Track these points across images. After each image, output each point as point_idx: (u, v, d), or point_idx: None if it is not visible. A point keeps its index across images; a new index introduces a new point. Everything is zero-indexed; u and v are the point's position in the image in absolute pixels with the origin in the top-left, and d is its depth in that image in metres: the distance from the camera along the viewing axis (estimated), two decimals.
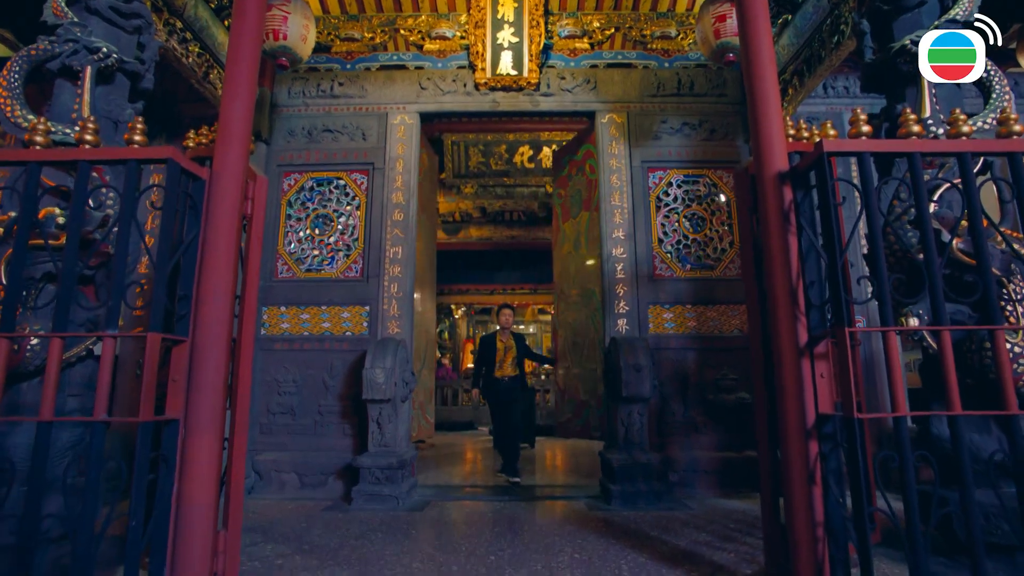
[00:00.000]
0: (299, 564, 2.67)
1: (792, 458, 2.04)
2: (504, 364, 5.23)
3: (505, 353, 5.25)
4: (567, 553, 2.80)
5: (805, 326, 2.09)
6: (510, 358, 5.25)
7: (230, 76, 2.32)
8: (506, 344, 5.29)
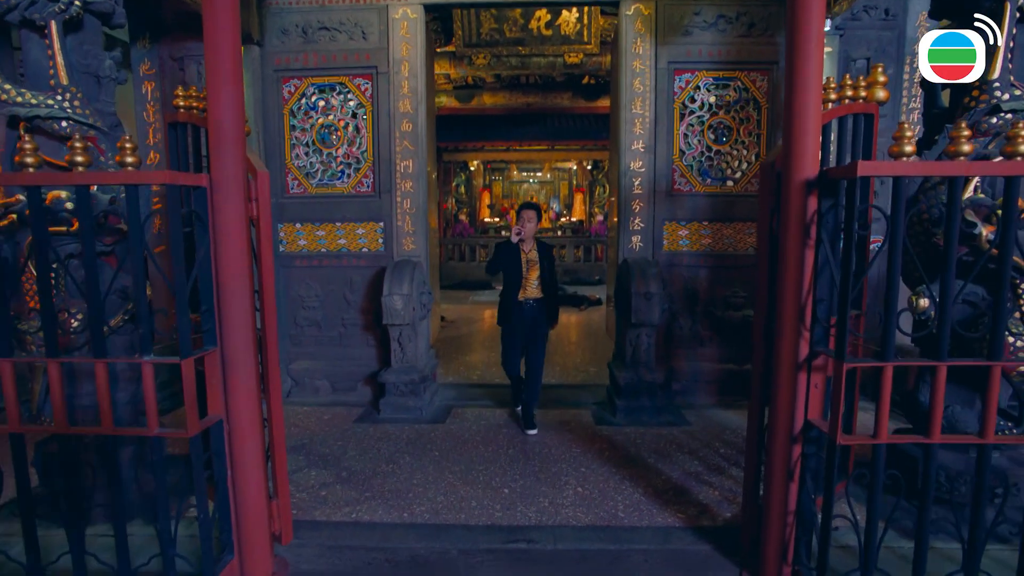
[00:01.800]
0: (340, 496, 3.11)
1: (776, 457, 2.23)
2: (527, 283, 3.97)
3: (528, 268, 3.97)
4: (571, 487, 3.18)
5: (808, 341, 2.14)
6: (534, 275, 3.98)
7: (211, 62, 2.13)
8: (530, 257, 3.99)
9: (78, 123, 2.63)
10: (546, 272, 4.00)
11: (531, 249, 4.02)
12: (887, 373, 1.95)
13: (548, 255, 4.06)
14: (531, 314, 4.00)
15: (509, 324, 4.06)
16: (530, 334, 4.01)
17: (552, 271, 4.06)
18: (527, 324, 4.00)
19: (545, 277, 4.00)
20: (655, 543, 2.65)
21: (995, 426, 1.96)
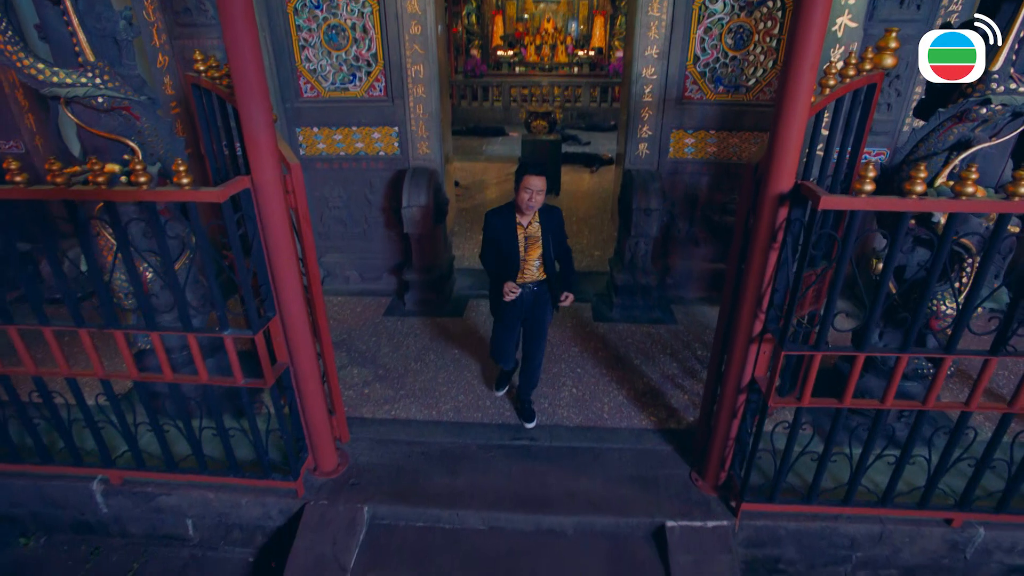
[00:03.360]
0: (380, 394, 3.85)
1: (726, 400, 2.82)
2: (526, 264, 3.19)
3: (527, 247, 3.17)
4: (567, 389, 3.89)
5: (762, 321, 2.59)
6: (535, 254, 3.19)
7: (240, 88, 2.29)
8: (529, 232, 3.16)
9: (112, 97, 2.82)
10: (551, 248, 3.21)
11: (531, 222, 3.15)
12: (816, 359, 2.44)
13: (554, 226, 3.20)
14: (531, 300, 3.30)
15: (502, 316, 3.38)
16: (529, 322, 3.38)
17: (561, 244, 3.26)
18: (525, 311, 3.34)
19: (549, 255, 3.22)
20: (629, 443, 3.41)
21: (914, 367, 2.50)
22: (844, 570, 3.01)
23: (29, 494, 3.16)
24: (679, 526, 2.88)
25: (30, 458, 3.10)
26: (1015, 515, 2.77)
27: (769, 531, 2.92)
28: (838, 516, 2.86)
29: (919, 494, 2.80)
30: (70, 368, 2.81)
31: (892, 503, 2.81)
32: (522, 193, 3.01)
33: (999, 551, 2.86)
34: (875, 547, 2.91)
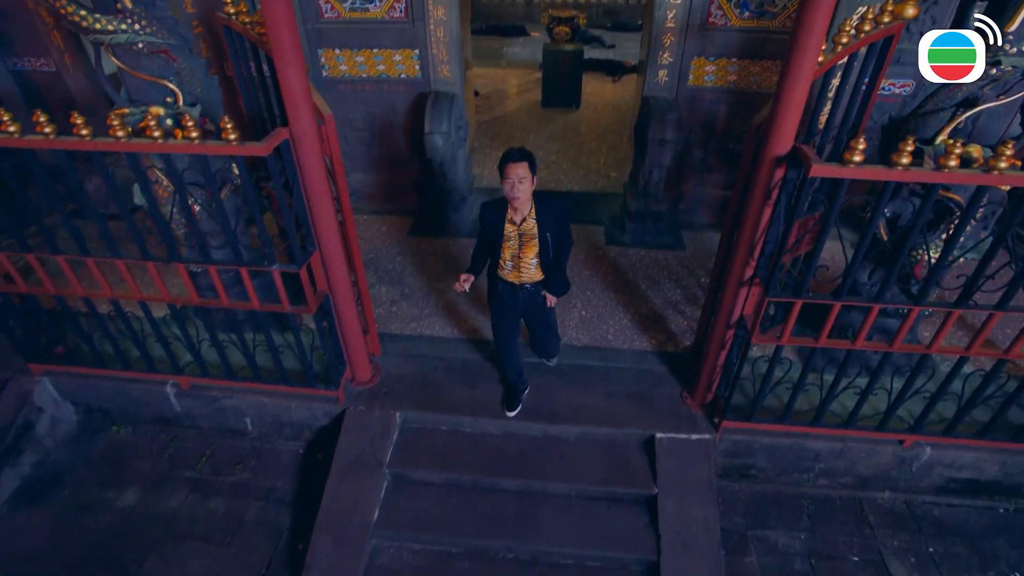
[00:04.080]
0: (406, 312, 4.26)
1: (716, 334, 3.16)
2: (521, 263, 2.92)
3: (522, 245, 2.88)
4: (577, 311, 4.25)
5: (752, 267, 2.86)
6: (530, 253, 2.90)
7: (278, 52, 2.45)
8: (523, 229, 2.85)
9: (151, 42, 2.97)
10: (550, 248, 2.90)
11: (525, 218, 2.84)
12: (797, 305, 2.74)
13: (554, 221, 2.85)
14: (528, 302, 3.09)
15: (499, 306, 3.18)
16: (529, 318, 3.25)
17: (563, 238, 2.94)
18: (521, 311, 3.18)
19: (547, 255, 2.92)
20: (630, 363, 3.81)
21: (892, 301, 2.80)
22: (807, 477, 3.50)
23: (116, 393, 3.73)
24: (667, 437, 3.34)
25: (113, 364, 3.62)
26: (958, 438, 3.17)
27: (745, 444, 3.38)
28: (807, 434, 3.29)
29: (879, 418, 3.19)
30: (140, 292, 3.22)
31: (854, 425, 3.22)
32: (504, 184, 2.73)
33: (940, 466, 3.30)
34: (835, 460, 3.37)
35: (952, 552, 3.24)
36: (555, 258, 2.95)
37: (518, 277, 3.01)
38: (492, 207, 2.91)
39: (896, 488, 3.48)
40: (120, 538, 3.34)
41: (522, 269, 2.97)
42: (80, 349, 3.70)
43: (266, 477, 3.66)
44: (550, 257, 2.94)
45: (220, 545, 3.30)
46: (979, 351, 2.82)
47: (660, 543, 3.00)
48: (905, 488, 3.47)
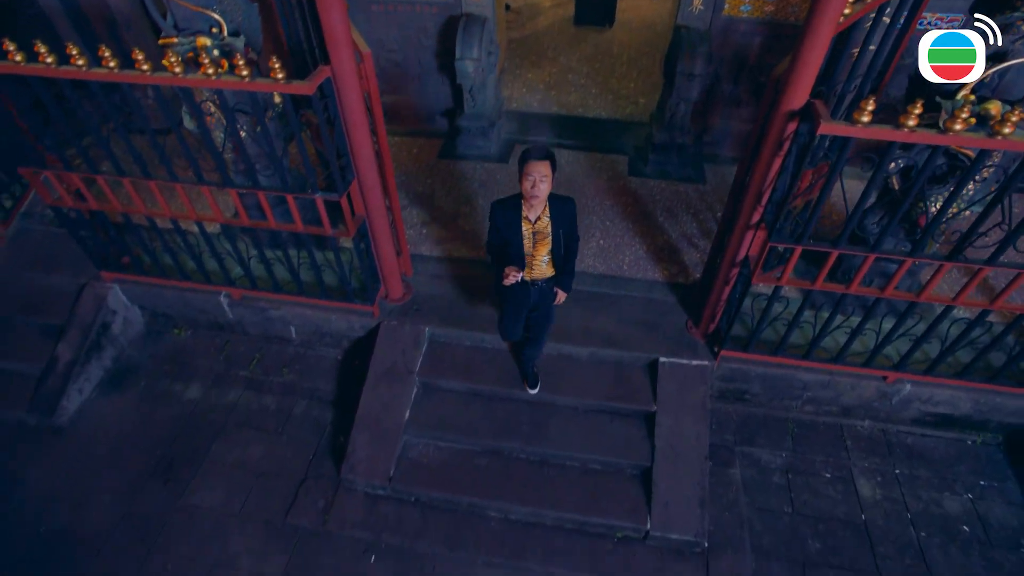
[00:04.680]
0: (435, 234, 4.54)
1: (722, 272, 3.40)
2: (533, 261, 2.98)
3: (535, 243, 2.92)
4: (596, 240, 4.48)
5: (759, 213, 3.04)
6: (542, 251, 2.95)
7: None
8: (537, 228, 2.88)
9: None
10: (562, 245, 2.95)
11: (541, 216, 2.87)
12: (796, 251, 2.95)
13: (567, 220, 2.90)
14: (537, 297, 3.16)
15: (506, 305, 3.25)
16: (535, 313, 3.30)
17: (571, 236, 3.00)
18: (532, 304, 3.22)
19: (559, 252, 2.98)
20: (641, 292, 4.09)
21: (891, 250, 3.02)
22: (795, 404, 3.85)
23: (176, 300, 4.18)
24: (669, 362, 3.68)
25: (173, 275, 4.04)
26: (937, 377, 3.45)
27: (741, 372, 3.71)
28: (798, 367, 3.60)
29: (866, 355, 3.47)
30: (196, 212, 3.55)
31: (843, 361, 3.51)
32: (524, 181, 2.69)
33: (918, 401, 3.61)
34: (822, 391, 3.69)
35: (915, 474, 3.62)
36: (566, 255, 3.02)
37: (529, 274, 3.04)
38: (505, 207, 2.87)
39: (876, 418, 3.82)
40: (190, 424, 3.90)
41: (534, 267, 3.01)
42: (143, 260, 4.11)
43: (310, 379, 4.15)
44: (562, 254, 2.98)
45: (273, 434, 3.85)
46: (965, 301, 3.02)
47: (654, 453, 3.42)
48: (884, 419, 3.80)
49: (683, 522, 3.23)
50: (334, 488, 3.53)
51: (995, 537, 3.35)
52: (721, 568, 3.22)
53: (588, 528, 3.33)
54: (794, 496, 3.56)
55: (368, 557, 3.27)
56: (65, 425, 3.90)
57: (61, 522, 3.46)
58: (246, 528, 3.42)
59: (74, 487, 3.61)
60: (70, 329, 4.03)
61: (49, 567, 3.29)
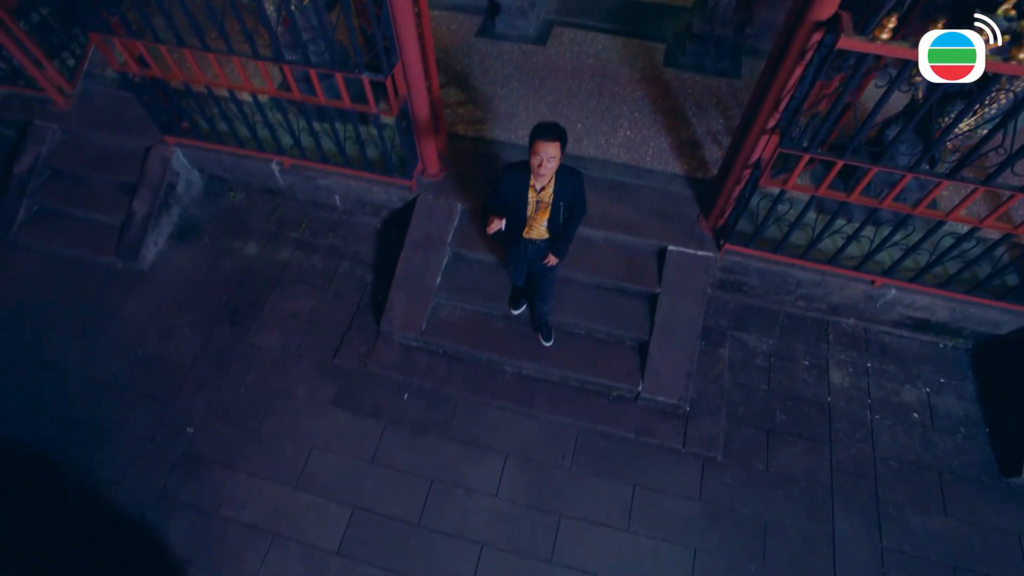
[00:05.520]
0: (470, 114, 4.74)
1: (734, 172, 3.62)
2: (533, 222, 3.15)
3: (537, 210, 3.08)
4: (623, 130, 4.64)
5: (775, 119, 3.21)
6: (542, 218, 3.11)
7: None
8: (541, 198, 3.02)
9: None
10: (560, 215, 3.08)
11: (546, 187, 2.97)
12: (804, 159, 3.16)
13: (570, 194, 3.00)
14: (536, 252, 3.35)
15: (514, 250, 3.44)
16: (534, 270, 3.52)
17: (574, 211, 3.11)
18: (532, 258, 3.42)
19: (557, 221, 3.12)
20: (660, 184, 4.34)
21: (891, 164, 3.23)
22: (788, 299, 4.23)
23: (232, 165, 4.58)
24: (677, 250, 4.04)
25: (229, 141, 4.40)
26: (922, 285, 3.76)
27: (741, 265, 4.06)
28: (794, 265, 3.93)
29: (859, 260, 3.77)
30: (251, 84, 3.83)
31: (836, 263, 3.82)
32: (532, 158, 2.75)
33: (900, 305, 3.95)
34: (814, 289, 4.05)
35: (884, 368, 4.07)
36: (564, 224, 3.14)
37: (528, 233, 3.23)
38: (516, 171, 2.95)
39: (860, 318, 4.20)
40: (249, 277, 4.48)
41: (533, 227, 3.19)
42: (201, 126, 4.46)
43: (352, 244, 4.64)
44: (559, 223, 3.12)
45: (321, 290, 4.42)
46: (957, 217, 3.25)
47: (653, 329, 3.90)
48: (867, 319, 4.18)
49: (670, 388, 3.79)
50: (374, 338, 4.15)
51: (939, 424, 3.86)
52: (698, 428, 3.82)
53: (588, 386, 3.93)
54: (772, 377, 4.07)
55: (402, 395, 3.95)
56: (146, 271, 4.53)
57: (154, 348, 4.19)
58: (300, 365, 4.10)
59: (160, 322, 4.30)
60: (141, 187, 4.51)
61: (149, 382, 4.06)
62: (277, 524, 3.56)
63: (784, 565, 3.43)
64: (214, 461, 3.77)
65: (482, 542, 3.48)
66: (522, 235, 3.21)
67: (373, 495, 3.62)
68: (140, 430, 3.90)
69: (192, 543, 3.53)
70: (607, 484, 3.66)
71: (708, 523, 3.56)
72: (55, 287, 4.50)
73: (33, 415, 3.96)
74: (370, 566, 3.42)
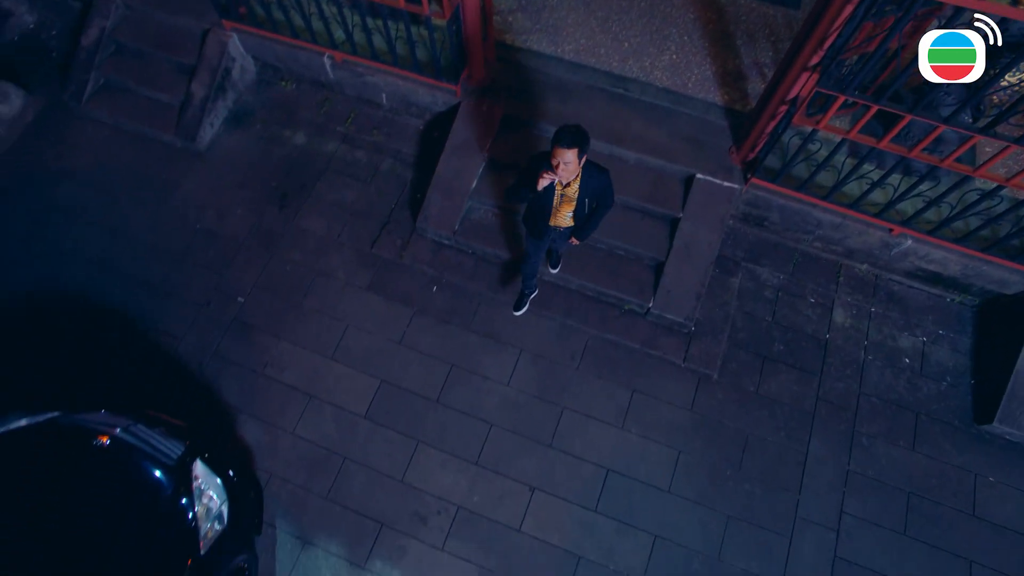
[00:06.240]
0: (520, 24, 4.75)
1: (770, 105, 3.67)
2: (558, 213, 3.23)
3: (561, 203, 3.15)
4: (669, 54, 4.62)
5: (819, 57, 3.24)
6: (566, 210, 3.20)
7: None
8: (565, 192, 3.07)
9: None
10: (584, 208, 3.16)
11: (572, 183, 3.01)
12: (840, 99, 3.22)
13: (594, 192, 3.07)
14: (559, 236, 3.50)
15: (532, 233, 3.49)
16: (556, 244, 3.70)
17: (601, 204, 3.20)
18: (553, 239, 3.56)
19: (581, 213, 3.20)
20: (698, 112, 4.39)
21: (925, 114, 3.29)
22: (807, 238, 4.38)
23: (285, 55, 4.75)
24: (705, 179, 4.17)
25: (284, 31, 4.54)
26: (937, 239, 3.86)
27: (765, 200, 4.20)
28: (816, 205, 4.04)
29: (880, 207, 3.87)
30: None
31: (858, 208, 3.93)
32: (552, 160, 2.79)
33: (914, 256, 4.08)
34: (833, 231, 4.18)
35: (887, 314, 4.27)
36: (589, 215, 3.24)
37: (554, 221, 3.30)
38: (540, 161, 2.93)
39: (874, 264, 4.34)
40: (297, 164, 4.78)
41: (558, 216, 3.26)
42: (257, 12, 4.58)
43: (395, 142, 4.86)
44: (584, 215, 3.21)
45: (364, 183, 4.70)
46: (985, 174, 3.31)
47: (670, 251, 4.12)
48: (880, 266, 4.32)
49: (679, 307, 4.07)
50: (410, 233, 4.47)
51: (927, 371, 4.10)
52: (699, 347, 4.14)
53: (603, 297, 4.23)
54: (777, 310, 4.31)
55: (431, 287, 4.32)
56: (203, 151, 4.84)
57: (209, 223, 4.58)
58: (341, 251, 4.47)
59: (215, 200, 4.67)
60: (200, 69, 4.72)
61: (206, 254, 4.49)
62: (314, 387, 4.07)
63: (757, 474, 3.84)
64: (261, 328, 4.25)
65: (491, 422, 3.95)
66: (548, 223, 3.29)
67: (399, 371, 4.08)
68: (197, 296, 4.37)
69: (241, 396, 4.07)
70: (609, 386, 4.05)
71: (695, 431, 3.96)
72: (123, 159, 4.87)
73: (106, 275, 4.46)
74: (392, 431, 3.94)
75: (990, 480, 3.80)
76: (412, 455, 3.87)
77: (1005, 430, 3.81)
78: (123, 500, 3.17)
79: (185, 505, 3.19)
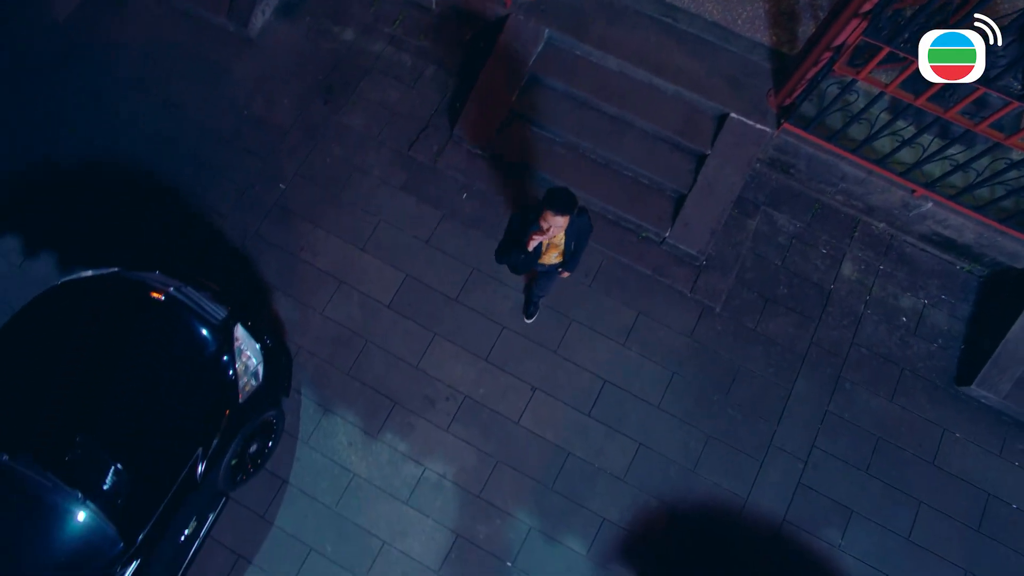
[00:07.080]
0: None
1: (814, 52, 3.67)
2: (545, 256, 3.36)
3: (547, 248, 3.28)
4: None
5: (871, 4, 3.23)
6: (553, 252, 3.34)
7: None
8: (553, 241, 3.22)
9: None
10: (571, 247, 3.29)
11: (556, 235, 3.07)
12: (883, 51, 3.25)
13: (578, 234, 3.22)
14: (544, 271, 3.63)
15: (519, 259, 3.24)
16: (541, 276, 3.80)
17: (581, 242, 3.31)
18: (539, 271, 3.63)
19: (568, 251, 3.34)
20: (743, 50, 4.38)
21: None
22: (830, 190, 4.47)
23: None
24: (738, 119, 4.24)
25: None
26: (958, 205, 3.94)
27: (794, 147, 4.27)
28: (843, 157, 4.11)
29: (907, 166, 3.94)
30: None
31: (885, 165, 4.00)
32: (542, 222, 2.85)
33: (932, 220, 4.18)
34: (856, 186, 4.27)
35: (893, 273, 4.42)
36: (574, 250, 3.35)
37: (541, 260, 3.39)
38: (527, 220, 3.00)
39: (891, 224, 4.44)
40: (344, 60, 4.90)
41: (543, 258, 3.37)
42: None
43: (440, 49, 4.93)
44: (570, 251, 3.33)
45: (407, 86, 4.83)
46: (1014, 143, 3.36)
47: (694, 185, 4.27)
48: (897, 226, 4.42)
49: (694, 240, 4.26)
50: (446, 139, 4.64)
51: (921, 331, 4.30)
52: (707, 280, 4.36)
53: (622, 222, 4.43)
54: (788, 255, 4.48)
55: (462, 194, 4.54)
56: (254, 38, 4.96)
57: (257, 111, 4.79)
58: (380, 150, 4.67)
59: (264, 88, 4.85)
60: None
61: (252, 139, 4.72)
62: (344, 274, 4.40)
63: (741, 402, 4.16)
64: (299, 214, 4.54)
65: (503, 325, 4.28)
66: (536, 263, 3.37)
67: (423, 268, 4.38)
68: (242, 177, 4.65)
69: (277, 275, 4.42)
70: (617, 305, 4.32)
71: (691, 357, 4.25)
72: (176, 37, 5.01)
73: (158, 147, 4.73)
74: (413, 322, 4.29)
75: (956, 436, 4.08)
76: (428, 345, 4.24)
77: (982, 393, 4.04)
78: (174, 350, 3.59)
79: (227, 361, 3.60)
